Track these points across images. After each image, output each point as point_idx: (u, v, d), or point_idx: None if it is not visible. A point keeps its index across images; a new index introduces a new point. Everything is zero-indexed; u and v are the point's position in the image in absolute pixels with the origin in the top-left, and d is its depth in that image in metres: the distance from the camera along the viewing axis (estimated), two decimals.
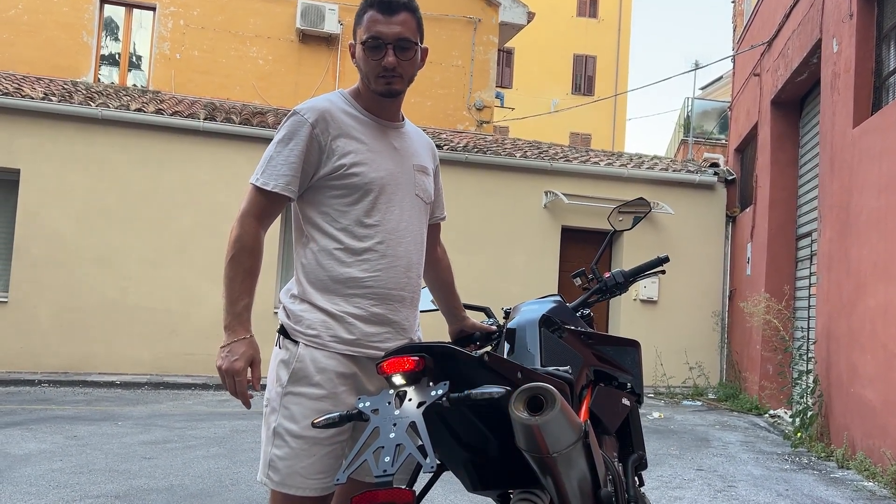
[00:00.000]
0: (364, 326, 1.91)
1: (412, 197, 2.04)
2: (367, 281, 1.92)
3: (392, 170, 1.99)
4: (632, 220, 2.68)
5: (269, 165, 1.92)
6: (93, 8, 13.27)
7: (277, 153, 1.92)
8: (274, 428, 1.88)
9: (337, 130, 1.94)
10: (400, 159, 2.03)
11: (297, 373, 1.87)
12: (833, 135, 7.11)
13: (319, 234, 1.95)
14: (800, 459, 6.35)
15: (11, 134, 9.73)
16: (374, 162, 1.97)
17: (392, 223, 1.97)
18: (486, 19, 14.83)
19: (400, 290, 1.97)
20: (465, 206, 10.88)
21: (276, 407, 1.89)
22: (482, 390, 1.40)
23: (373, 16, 1.93)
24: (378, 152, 1.99)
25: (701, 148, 16.16)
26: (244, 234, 1.89)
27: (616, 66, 28.09)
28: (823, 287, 7.20)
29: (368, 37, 1.93)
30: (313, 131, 1.91)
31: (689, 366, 10.91)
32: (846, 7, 6.80)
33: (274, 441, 1.88)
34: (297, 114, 1.94)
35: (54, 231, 9.70)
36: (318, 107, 1.96)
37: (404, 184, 2.02)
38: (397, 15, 1.93)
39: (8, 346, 9.46)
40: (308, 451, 1.84)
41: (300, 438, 1.84)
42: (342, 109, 1.99)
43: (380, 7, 1.93)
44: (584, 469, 1.59)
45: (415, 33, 1.97)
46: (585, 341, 2.21)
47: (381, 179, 1.96)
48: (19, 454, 5.23)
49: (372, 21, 1.93)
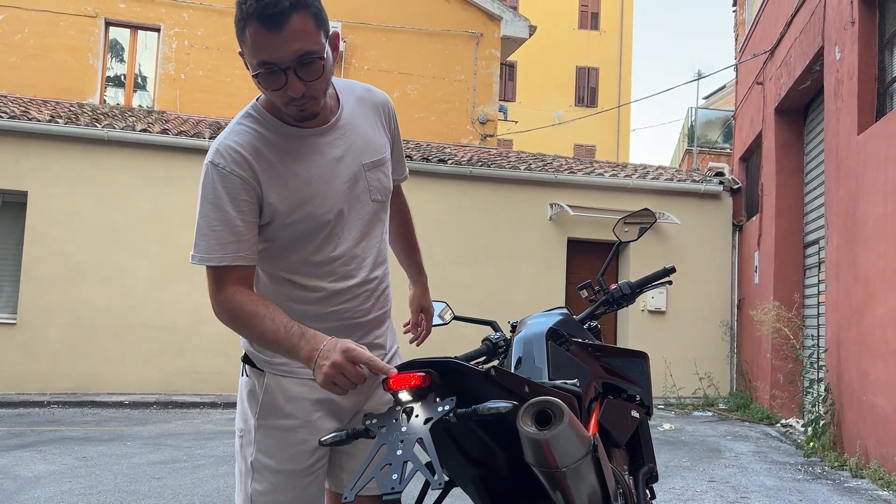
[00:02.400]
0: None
1: (367, 207, 1.77)
2: (325, 318, 1.74)
3: (339, 191, 1.71)
4: (637, 230, 2.68)
5: (201, 236, 1.62)
6: (98, 30, 13.40)
7: (208, 222, 1.61)
8: (251, 462, 1.76)
9: (265, 171, 1.64)
10: (347, 169, 1.73)
11: (267, 405, 1.74)
12: (838, 142, 7.09)
13: (266, 275, 1.74)
14: (813, 469, 6.29)
15: (19, 156, 9.80)
16: (317, 198, 1.68)
17: (346, 251, 1.74)
18: (488, 34, 14.90)
19: (365, 316, 1.80)
20: (470, 219, 10.89)
21: (251, 440, 1.76)
22: (489, 405, 1.39)
23: (257, 32, 1.50)
24: (320, 182, 1.68)
25: (705, 157, 16.15)
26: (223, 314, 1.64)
27: (619, 77, 28.17)
28: (832, 295, 7.16)
29: (258, 63, 1.53)
30: (242, 184, 1.61)
31: (699, 376, 10.85)
32: (847, 14, 6.80)
33: (254, 476, 1.76)
34: (216, 167, 1.61)
35: (62, 252, 9.75)
36: (235, 149, 1.62)
37: (358, 198, 1.75)
38: (287, 24, 1.49)
39: (17, 368, 9.48)
40: (288, 484, 1.73)
41: (279, 473, 1.73)
42: (263, 138, 1.66)
43: (261, 20, 1.48)
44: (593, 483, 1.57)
45: (315, 36, 1.53)
46: (593, 354, 2.19)
47: (327, 214, 1.69)
48: (29, 476, 5.22)
49: (258, 40, 1.51)
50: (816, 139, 8.88)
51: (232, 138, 1.64)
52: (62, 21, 13.14)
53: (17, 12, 12.91)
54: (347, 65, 14.17)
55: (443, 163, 11.00)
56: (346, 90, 1.80)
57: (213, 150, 1.65)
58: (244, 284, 1.65)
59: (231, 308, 1.63)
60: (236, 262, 1.63)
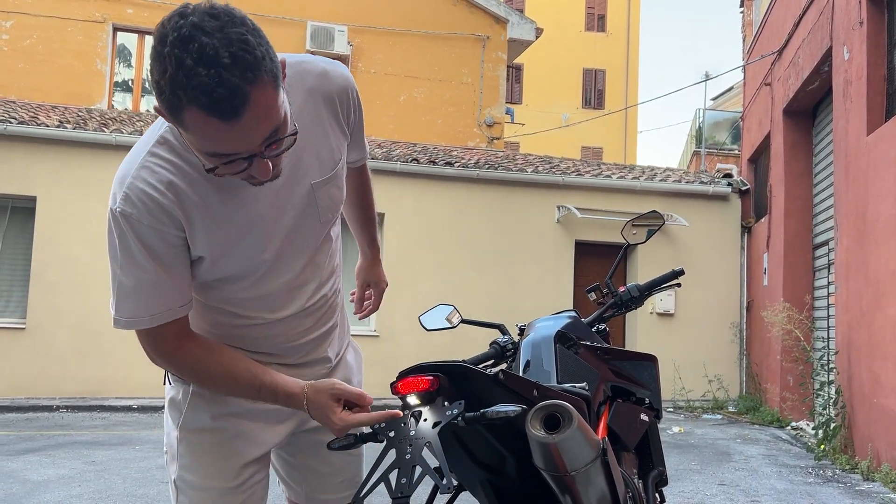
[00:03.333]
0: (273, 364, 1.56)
1: (314, 230, 1.51)
2: (263, 343, 1.56)
3: (281, 226, 1.45)
4: (645, 233, 2.67)
5: (123, 296, 1.35)
6: (106, 36, 13.47)
7: (126, 277, 1.33)
8: (174, 480, 1.57)
9: (188, 215, 1.34)
10: (292, 196, 1.44)
11: (191, 415, 1.55)
12: (847, 143, 7.06)
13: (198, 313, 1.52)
14: (824, 472, 6.25)
15: (28, 161, 9.85)
16: (254, 239, 1.41)
17: (287, 282, 1.51)
18: (494, 36, 14.91)
19: (303, 338, 1.61)
20: (477, 222, 10.87)
21: (175, 455, 1.57)
22: (498, 409, 1.38)
23: (206, 123, 1.13)
24: (257, 221, 1.40)
25: (714, 159, 16.10)
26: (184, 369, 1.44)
27: (626, 79, 28.13)
28: (842, 296, 7.12)
29: (211, 155, 1.19)
30: (160, 234, 1.32)
31: (708, 379, 10.80)
32: (856, 14, 6.77)
33: (178, 497, 1.56)
34: (127, 217, 1.30)
35: (71, 256, 9.78)
36: (147, 192, 1.30)
37: (301, 227, 1.48)
38: (247, 109, 1.13)
39: (26, 372, 9.52)
40: (216, 502, 1.54)
41: (204, 491, 1.53)
42: (182, 172, 1.33)
43: (214, 112, 1.11)
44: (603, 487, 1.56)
45: (278, 104, 1.19)
46: (602, 357, 2.18)
47: (263, 254, 1.44)
48: (38, 480, 5.23)
49: (208, 132, 1.15)
50: (825, 140, 8.84)
51: (143, 177, 1.30)
52: (70, 27, 13.21)
53: (26, 18, 12.99)
54: (354, 68, 14.18)
55: (450, 166, 11.00)
56: (296, 78, 1.42)
57: (119, 195, 1.30)
58: (186, 334, 1.42)
59: (189, 367, 1.44)
60: (174, 317, 1.37)
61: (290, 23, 14.00)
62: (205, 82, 1.09)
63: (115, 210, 1.31)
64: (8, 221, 9.99)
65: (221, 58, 1.10)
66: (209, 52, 1.10)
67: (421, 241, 10.75)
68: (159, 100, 1.16)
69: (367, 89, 13.88)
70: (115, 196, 1.33)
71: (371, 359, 2.06)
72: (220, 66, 1.10)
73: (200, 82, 1.09)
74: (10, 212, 9.99)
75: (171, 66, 1.10)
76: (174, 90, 1.11)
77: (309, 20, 13.94)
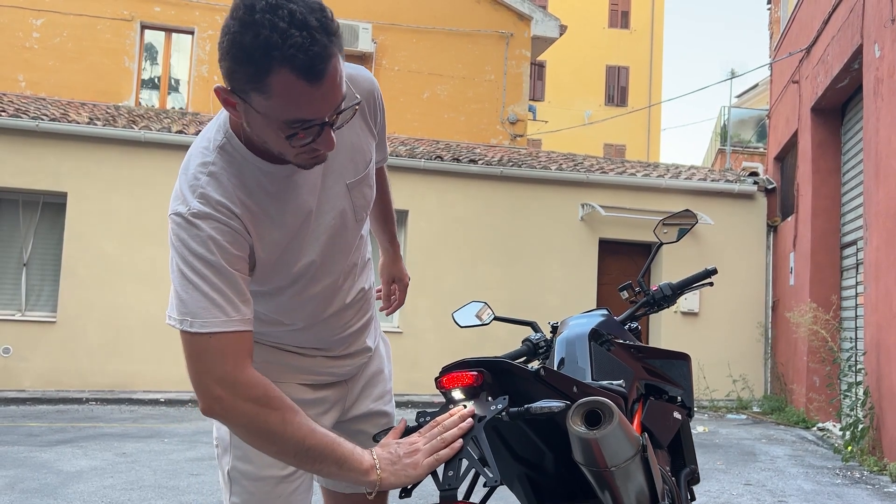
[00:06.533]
0: (319, 357, 1.64)
1: (351, 229, 1.57)
2: (308, 339, 1.63)
3: (326, 228, 1.50)
4: (677, 232, 2.66)
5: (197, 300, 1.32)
6: (134, 34, 13.64)
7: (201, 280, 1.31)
8: (228, 472, 1.59)
9: (251, 222, 1.38)
10: (333, 198, 1.50)
11: None
12: (878, 141, 6.98)
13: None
14: (851, 474, 6.20)
15: (59, 158, 10.01)
16: (304, 243, 1.47)
17: (329, 284, 1.57)
18: (518, 33, 14.89)
19: (343, 332, 1.66)
20: (500, 219, 10.88)
21: (227, 447, 1.59)
22: (542, 404, 1.40)
23: (295, 86, 1.18)
24: (306, 224, 1.46)
25: (739, 157, 15.96)
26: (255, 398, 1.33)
27: (649, 76, 27.95)
28: (871, 296, 7.05)
29: (293, 122, 1.23)
30: (233, 235, 1.34)
31: (733, 378, 10.73)
32: (888, 12, 6.69)
33: (231, 487, 1.58)
34: (214, 219, 1.32)
35: (100, 252, 9.94)
36: (216, 198, 1.34)
37: (341, 227, 1.54)
38: (328, 73, 1.20)
39: (57, 366, 9.69)
40: (271, 492, 1.56)
41: (259, 480, 1.56)
42: (243, 180, 1.37)
43: (304, 72, 1.17)
44: (641, 483, 1.58)
45: (344, 80, 1.26)
46: (635, 355, 2.20)
47: (311, 255, 1.49)
48: (71, 471, 5.34)
49: (296, 96, 1.20)
50: (854, 138, 8.74)
51: (209, 183, 1.35)
52: (99, 25, 13.40)
53: (56, 16, 13.19)
54: (378, 66, 14.24)
55: (473, 163, 11.01)
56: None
57: (190, 200, 1.33)
58: (248, 359, 1.34)
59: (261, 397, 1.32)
60: (234, 328, 1.32)
61: None
62: (299, 42, 1.15)
63: (185, 214, 1.32)
64: (39, 217, 10.17)
65: (310, 21, 1.17)
66: (299, 17, 1.16)
67: (444, 238, 10.78)
68: (242, 69, 1.19)
69: (390, 87, 13.93)
70: (185, 200, 1.34)
71: (394, 354, 2.10)
72: (311, 28, 1.17)
73: (295, 42, 1.15)
74: (41, 207, 10.17)
75: (264, 29, 1.15)
76: (268, 51, 1.15)
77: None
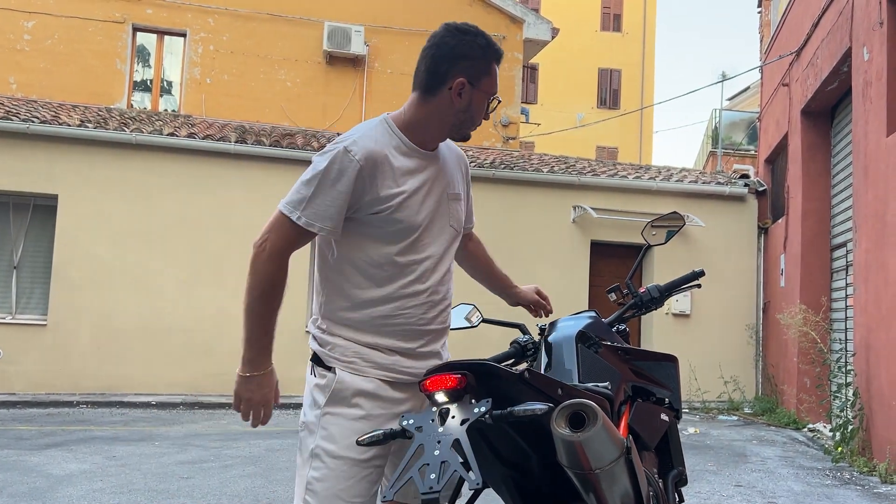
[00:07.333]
0: (397, 356, 1.91)
1: (447, 229, 2.00)
2: (395, 318, 1.90)
3: (431, 208, 1.94)
4: (665, 234, 2.68)
5: (314, 203, 1.81)
6: (126, 36, 13.61)
7: (323, 191, 1.81)
8: (312, 449, 1.86)
9: (384, 173, 1.86)
10: (438, 192, 1.97)
11: (336, 394, 1.86)
12: (866, 144, 7.02)
13: (350, 266, 1.91)
14: (841, 474, 6.22)
15: (50, 160, 9.98)
16: (416, 205, 1.91)
17: (424, 261, 1.93)
18: (510, 36, 14.90)
19: (427, 325, 1.95)
20: (492, 222, 10.88)
21: (315, 429, 1.87)
22: (525, 407, 1.41)
23: (495, 70, 1.93)
24: (421, 193, 1.92)
25: (730, 159, 16.01)
26: (278, 273, 1.85)
27: (641, 79, 28.02)
28: (861, 298, 7.08)
29: (492, 95, 1.95)
30: (361, 173, 1.82)
31: (724, 380, 10.76)
32: (876, 15, 6.73)
33: (312, 463, 1.85)
34: (349, 152, 1.83)
35: (91, 254, 9.90)
36: (369, 147, 1.85)
37: (440, 217, 1.97)
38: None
39: (47, 368, 9.64)
40: (347, 472, 1.82)
41: (339, 459, 1.82)
42: (391, 146, 1.90)
43: (499, 60, 1.95)
44: (626, 485, 1.59)
45: None
46: (622, 357, 2.21)
47: (420, 222, 1.91)
48: (61, 475, 5.32)
49: (495, 76, 1.94)
50: (844, 141, 8.79)
51: (365, 136, 1.88)
52: (91, 27, 13.36)
53: (47, 18, 13.14)
54: (370, 68, 14.24)
55: None
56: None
57: (349, 140, 1.86)
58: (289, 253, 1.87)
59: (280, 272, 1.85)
60: (332, 235, 1.86)
61: (307, 23, 14.07)
62: (494, 44, 1.95)
63: (342, 146, 1.83)
64: (30, 219, 10.13)
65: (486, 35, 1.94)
66: (482, 34, 1.94)
67: None
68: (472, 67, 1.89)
69: (382, 89, 13.93)
70: (347, 138, 1.87)
71: None
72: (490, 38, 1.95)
73: (494, 43, 1.94)
74: (32, 210, 10.13)
75: (483, 40, 1.91)
76: (491, 50, 1.92)
77: (326, 20, 14.00)
